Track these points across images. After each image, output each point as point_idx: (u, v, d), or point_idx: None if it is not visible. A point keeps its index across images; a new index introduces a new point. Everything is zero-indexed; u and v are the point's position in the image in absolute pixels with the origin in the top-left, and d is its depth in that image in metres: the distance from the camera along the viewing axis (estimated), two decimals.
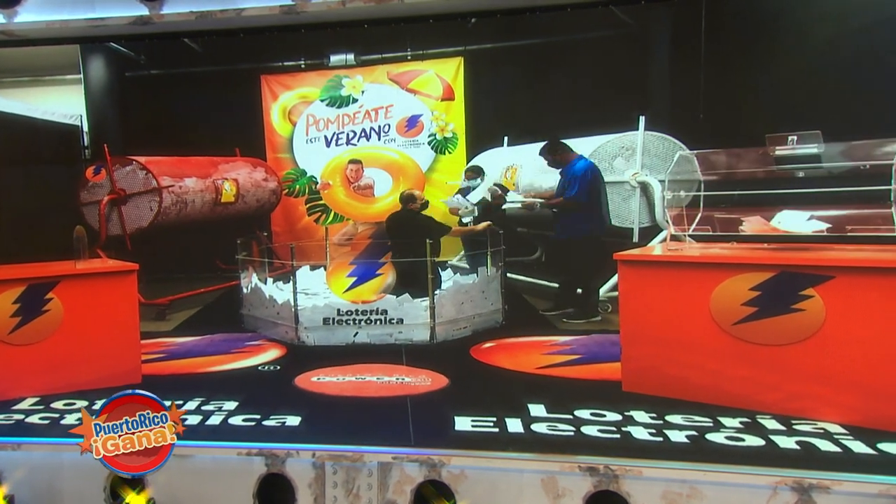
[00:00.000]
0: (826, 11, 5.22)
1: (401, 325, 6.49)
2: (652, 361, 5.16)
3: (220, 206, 9.38)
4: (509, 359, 6.02)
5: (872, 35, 5.02)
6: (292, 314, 6.60)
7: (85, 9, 6.68)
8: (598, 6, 6.21)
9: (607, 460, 5.10)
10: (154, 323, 7.67)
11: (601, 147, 7.50)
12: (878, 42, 4.96)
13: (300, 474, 5.80)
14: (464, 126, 10.83)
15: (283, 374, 6.12)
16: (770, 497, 4.84)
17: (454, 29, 9.02)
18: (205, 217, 9.14)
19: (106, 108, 10.62)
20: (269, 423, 5.81)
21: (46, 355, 6.00)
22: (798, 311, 4.62)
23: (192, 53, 9.97)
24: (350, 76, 11.04)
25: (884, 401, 4.44)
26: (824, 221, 4.91)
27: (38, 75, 10.20)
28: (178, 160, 9.04)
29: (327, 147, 11.32)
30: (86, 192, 8.29)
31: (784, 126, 5.17)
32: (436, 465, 5.50)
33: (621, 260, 5.21)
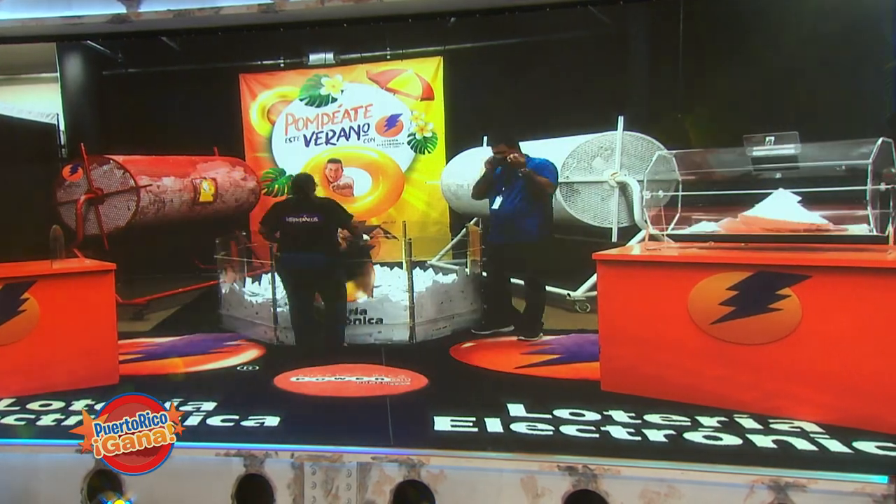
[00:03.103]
0: (801, 13, 5.25)
1: (380, 324, 6.45)
2: (630, 361, 5.16)
3: (199, 206, 9.30)
4: (489, 358, 6.00)
5: (847, 36, 5.05)
6: (271, 314, 6.54)
7: (61, 7, 6.61)
8: (577, 6, 6.21)
9: (586, 460, 5.08)
10: (132, 323, 7.58)
11: (580, 147, 7.48)
12: (851, 43, 4.99)
13: (279, 475, 5.75)
14: (443, 126, 10.79)
15: (262, 375, 6.08)
16: (747, 496, 4.85)
17: (433, 28, 8.98)
18: (183, 216, 9.05)
19: (83, 106, 10.49)
20: (247, 424, 5.76)
21: (22, 356, 5.92)
22: (775, 310, 4.63)
23: (170, 52, 9.87)
24: (329, 75, 10.97)
25: (860, 399, 4.46)
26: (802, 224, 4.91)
27: (13, 73, 10.07)
28: (156, 159, 8.95)
29: (306, 146, 11.25)
30: (62, 192, 8.18)
31: (761, 126, 5.19)
32: (415, 466, 5.47)
33: (600, 260, 5.21)
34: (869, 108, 4.89)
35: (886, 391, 4.38)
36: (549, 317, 6.65)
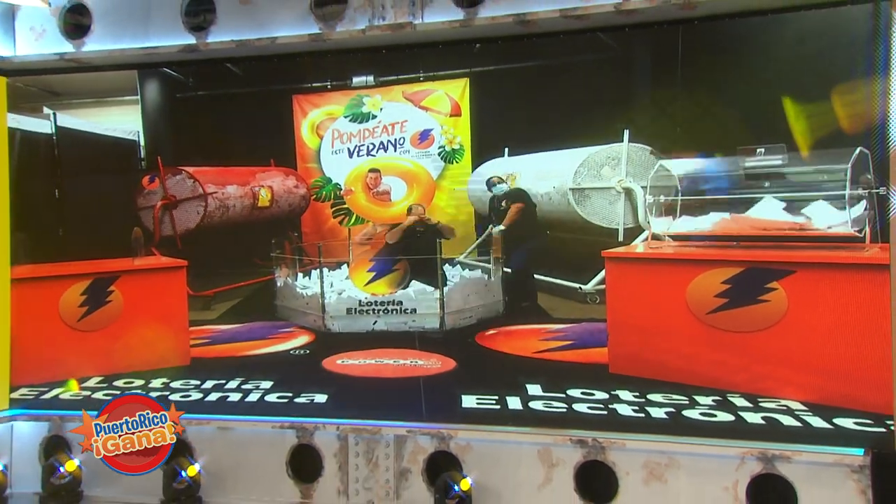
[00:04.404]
0: (786, 37, 5.16)
1: (414, 314, 6.44)
2: (635, 347, 5.13)
3: (257, 210, 9.35)
4: (509, 344, 5.97)
5: (827, 57, 4.96)
6: (320, 305, 6.56)
7: (141, 38, 6.73)
8: (587, 33, 6.16)
9: (595, 434, 5.07)
10: (201, 312, 7.64)
11: (590, 157, 7.40)
12: (832, 64, 4.91)
13: (327, 445, 5.81)
14: (469, 139, 10.72)
15: (311, 358, 6.12)
16: (739, 466, 4.80)
17: (461, 53, 8.93)
18: (244, 219, 9.10)
19: (159, 125, 10.55)
20: (299, 401, 5.80)
21: (109, 340, 6.04)
22: (764, 301, 4.58)
23: (234, 77, 9.90)
24: (370, 95, 10.93)
25: (839, 381, 4.40)
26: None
27: (101, 97, 10.18)
28: (221, 170, 9.01)
29: (350, 158, 11.19)
30: (142, 198, 8.27)
31: (752, 139, 5.11)
32: (445, 438, 5.48)
33: (608, 257, 5.19)
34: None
35: (863, 373, 4.32)
36: (562, 307, 6.60)
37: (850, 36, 4.68)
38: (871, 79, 4.50)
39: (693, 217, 5.19)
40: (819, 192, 4.63)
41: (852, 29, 4.65)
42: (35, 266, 6.51)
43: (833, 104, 4.71)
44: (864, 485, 4.54)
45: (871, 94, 4.48)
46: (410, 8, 6.31)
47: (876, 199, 4.38)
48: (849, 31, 4.70)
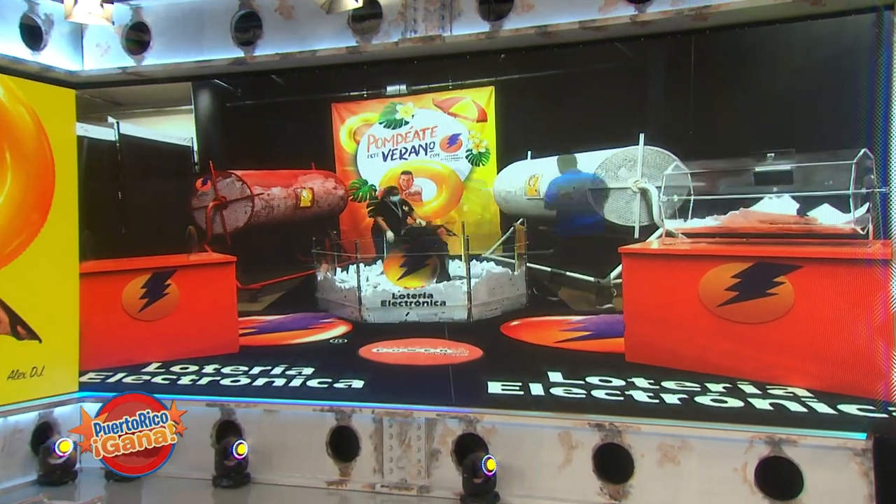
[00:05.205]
0: (794, 44, 5.10)
1: (444, 306, 6.48)
2: (650, 337, 5.12)
3: (300, 210, 9.45)
4: (532, 334, 5.98)
5: (834, 64, 4.90)
6: (357, 297, 6.63)
7: (195, 53, 6.89)
8: (604, 43, 6.16)
9: (612, 418, 5.08)
10: (248, 304, 7.75)
11: (608, 159, 7.37)
12: (839, 70, 4.84)
13: (363, 427, 5.89)
14: (495, 143, 10.72)
15: (349, 346, 6.19)
16: (747, 449, 4.78)
17: (487, 63, 8.94)
18: (287, 218, 9.21)
19: (211, 132, 10.68)
20: (338, 386, 5.87)
21: (166, 329, 6.15)
22: (772, 294, 4.56)
23: (278, 87, 10.02)
24: (403, 103, 10.96)
25: (843, 369, 4.37)
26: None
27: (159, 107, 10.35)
28: (267, 173, 9.13)
29: (384, 161, 11.25)
30: (195, 199, 8.41)
31: (761, 142, 5.07)
32: (472, 422, 5.53)
33: (625, 253, 5.19)
34: (855, 126, 4.74)
35: (866, 362, 4.28)
36: (581, 300, 6.59)
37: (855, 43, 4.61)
38: (874, 84, 4.43)
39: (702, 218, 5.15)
40: (825, 192, 4.58)
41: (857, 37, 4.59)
42: (100, 262, 6.69)
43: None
44: (867, 467, 4.49)
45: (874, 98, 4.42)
46: (440, 21, 6.36)
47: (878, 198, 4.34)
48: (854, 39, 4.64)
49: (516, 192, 8.01)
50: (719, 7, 5.12)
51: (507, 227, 8.24)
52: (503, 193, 9.37)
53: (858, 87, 4.56)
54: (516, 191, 8.08)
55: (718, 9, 5.14)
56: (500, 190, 9.62)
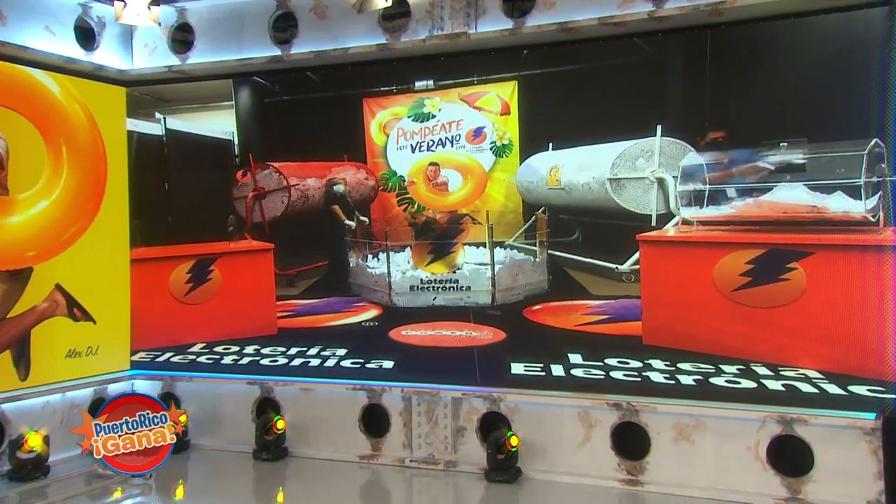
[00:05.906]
0: (808, 37, 5.01)
1: (469, 291, 6.50)
2: (667, 320, 5.11)
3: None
4: (554, 318, 5.99)
5: (847, 56, 4.81)
6: (387, 283, 6.68)
7: (236, 51, 6.99)
8: (624, 38, 6.11)
9: (630, 398, 5.08)
10: (286, 288, 7.85)
11: (626, 150, 7.30)
12: (851, 62, 4.75)
13: (393, 405, 5.97)
14: (517, 135, 10.68)
15: (380, 329, 6.25)
16: (760, 428, 4.76)
17: (510, 59, 8.90)
18: (322, 208, 9.30)
19: (251, 126, 10.77)
20: (370, 366, 5.94)
21: (210, 312, 6.26)
22: (784, 280, 4.52)
23: (313, 83, 10.08)
24: (430, 97, 10.96)
25: (853, 352, 4.33)
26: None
27: (203, 103, 10.46)
28: (302, 165, 9.20)
29: (412, 153, 11.28)
30: (236, 190, 8.52)
31: (775, 133, 5.00)
32: (496, 401, 5.58)
33: (643, 240, 5.17)
34: (867, 116, 4.65)
35: (876, 345, 4.24)
36: (600, 285, 6.57)
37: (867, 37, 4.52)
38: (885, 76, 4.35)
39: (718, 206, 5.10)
40: (837, 181, 4.51)
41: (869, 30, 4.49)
42: (149, 248, 6.84)
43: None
44: (875, 446, 4.44)
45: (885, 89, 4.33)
46: (465, 19, 6.36)
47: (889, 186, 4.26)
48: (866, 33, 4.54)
49: (538, 182, 7.99)
50: (734, 2, 5.06)
51: (529, 216, 8.25)
52: (525, 184, 9.34)
53: (870, 79, 4.48)
54: (538, 181, 8.07)
55: (734, 4, 5.07)
56: (522, 180, 9.59)
